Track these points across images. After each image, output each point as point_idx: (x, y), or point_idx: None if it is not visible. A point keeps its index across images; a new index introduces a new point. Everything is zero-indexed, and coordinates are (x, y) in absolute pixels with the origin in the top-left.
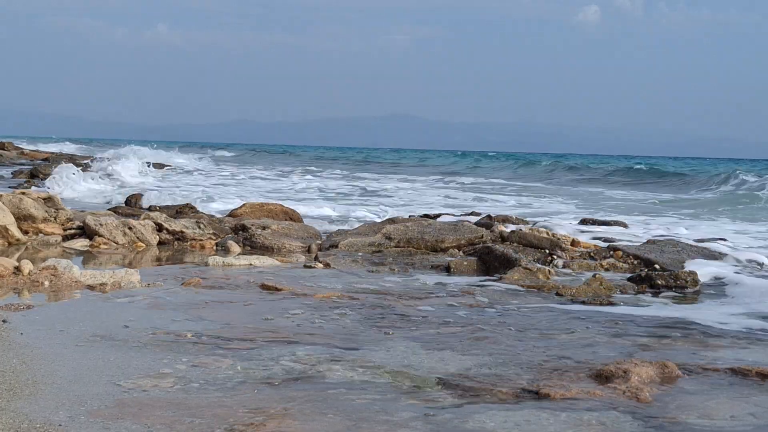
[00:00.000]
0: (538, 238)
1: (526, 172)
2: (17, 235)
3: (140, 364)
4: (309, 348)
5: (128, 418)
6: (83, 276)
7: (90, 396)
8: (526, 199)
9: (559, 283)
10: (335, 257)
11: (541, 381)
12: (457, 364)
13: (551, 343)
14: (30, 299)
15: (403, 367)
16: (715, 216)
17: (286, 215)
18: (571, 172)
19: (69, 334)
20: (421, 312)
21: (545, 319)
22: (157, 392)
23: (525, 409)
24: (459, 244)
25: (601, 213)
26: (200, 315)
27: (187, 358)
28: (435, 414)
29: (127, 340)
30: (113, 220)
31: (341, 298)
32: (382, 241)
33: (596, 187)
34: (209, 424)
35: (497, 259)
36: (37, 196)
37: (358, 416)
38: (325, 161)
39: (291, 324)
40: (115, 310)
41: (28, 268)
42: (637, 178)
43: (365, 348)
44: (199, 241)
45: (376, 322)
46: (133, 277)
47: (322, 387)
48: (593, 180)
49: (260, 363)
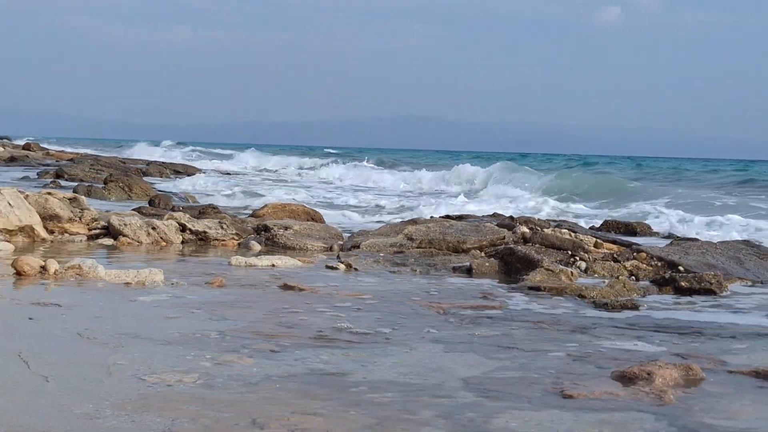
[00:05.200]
0: (561, 240)
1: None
2: (43, 235)
3: (164, 361)
4: (331, 347)
5: (152, 411)
6: (108, 275)
7: (115, 390)
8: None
9: (581, 284)
10: (357, 258)
11: (564, 382)
12: (480, 364)
13: (574, 344)
14: (56, 298)
15: (426, 367)
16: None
17: (308, 216)
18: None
19: (94, 332)
20: (443, 313)
21: (568, 321)
22: (181, 387)
23: (548, 410)
24: (481, 245)
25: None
26: (223, 314)
27: (211, 355)
28: (458, 413)
29: (151, 338)
30: (137, 220)
31: (363, 298)
32: (404, 241)
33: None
34: (232, 418)
35: (519, 260)
36: (62, 196)
37: (381, 414)
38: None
39: (313, 323)
40: (139, 309)
41: (53, 267)
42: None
43: (388, 348)
44: (221, 241)
45: (398, 323)
46: (156, 277)
47: (344, 385)
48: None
49: (283, 361)
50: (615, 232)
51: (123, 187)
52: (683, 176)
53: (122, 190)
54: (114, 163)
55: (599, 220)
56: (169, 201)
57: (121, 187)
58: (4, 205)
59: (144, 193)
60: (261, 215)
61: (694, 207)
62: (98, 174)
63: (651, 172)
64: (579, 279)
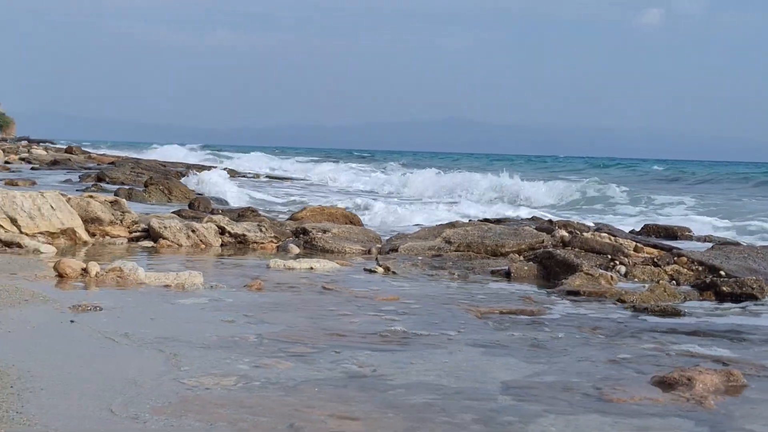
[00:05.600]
0: (600, 244)
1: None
2: (84, 237)
3: (203, 364)
4: (370, 350)
5: (191, 414)
6: (148, 277)
7: (155, 393)
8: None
9: (621, 289)
10: (395, 261)
11: (604, 387)
12: (518, 368)
13: (614, 349)
14: (97, 300)
15: (464, 371)
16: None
17: (346, 219)
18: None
19: (134, 335)
20: (482, 317)
21: (607, 326)
22: (219, 390)
23: (587, 414)
24: (519, 248)
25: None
26: (262, 317)
27: (249, 358)
28: (496, 417)
29: (191, 341)
30: (177, 223)
31: (401, 302)
32: (442, 245)
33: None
34: (270, 421)
35: (558, 264)
36: (104, 200)
37: (419, 417)
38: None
39: (351, 326)
40: (178, 312)
41: (95, 270)
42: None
43: (426, 351)
44: (260, 244)
45: (437, 326)
46: (196, 279)
47: (382, 388)
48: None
49: (321, 364)
50: (655, 236)
51: (163, 190)
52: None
53: (162, 193)
54: (154, 166)
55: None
56: (209, 204)
57: (161, 190)
58: (47, 208)
59: (184, 196)
60: (300, 218)
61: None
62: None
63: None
64: (619, 283)
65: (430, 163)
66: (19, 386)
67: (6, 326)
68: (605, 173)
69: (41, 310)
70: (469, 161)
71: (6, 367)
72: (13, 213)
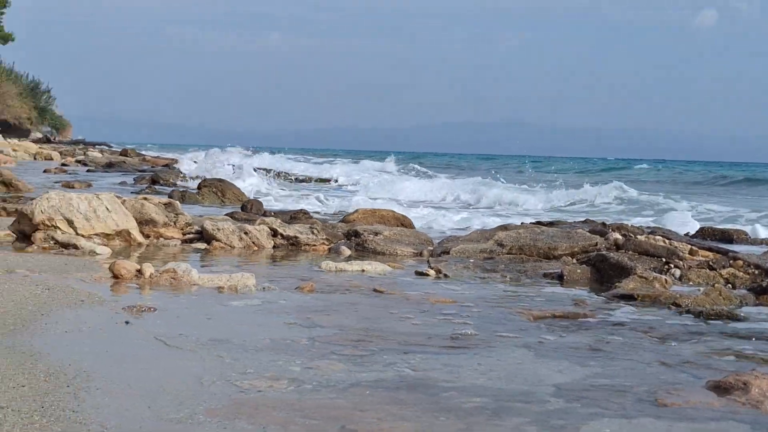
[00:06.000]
0: (654, 246)
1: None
2: (139, 239)
3: (255, 366)
4: (421, 352)
5: (244, 417)
6: (201, 279)
7: (208, 395)
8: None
9: (676, 292)
10: (447, 263)
11: (658, 391)
12: (571, 371)
13: (668, 353)
14: (151, 301)
15: (516, 374)
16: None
17: (397, 221)
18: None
19: (188, 336)
20: (535, 320)
21: (662, 329)
22: (271, 393)
23: (641, 418)
24: (572, 251)
25: None
26: (313, 319)
27: (301, 360)
28: (549, 420)
29: (243, 343)
30: (230, 225)
31: (453, 304)
32: (494, 247)
33: None
34: (322, 425)
35: (612, 267)
36: (158, 201)
37: (470, 420)
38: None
39: (403, 329)
40: (231, 314)
41: (149, 271)
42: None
43: (478, 354)
44: (312, 246)
45: (489, 329)
46: (248, 281)
47: (434, 391)
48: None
49: (372, 367)
50: (711, 239)
51: (216, 192)
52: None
53: (215, 195)
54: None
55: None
56: (261, 206)
57: (215, 192)
58: (102, 210)
59: (236, 198)
60: (351, 220)
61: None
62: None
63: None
64: (673, 286)
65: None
66: (75, 385)
67: (63, 326)
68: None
69: (97, 311)
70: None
71: (63, 367)
72: (69, 215)
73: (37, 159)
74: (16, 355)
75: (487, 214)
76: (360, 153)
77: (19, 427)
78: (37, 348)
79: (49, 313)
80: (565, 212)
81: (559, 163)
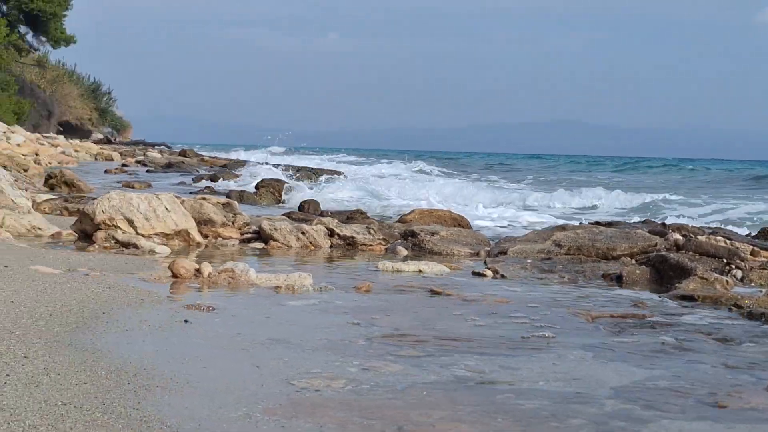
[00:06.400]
0: (715, 247)
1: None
2: (198, 239)
3: (313, 366)
4: (478, 353)
5: (302, 416)
6: (259, 279)
7: (266, 394)
8: None
9: (737, 293)
10: (504, 264)
11: (719, 393)
12: (630, 373)
13: (729, 356)
14: (209, 300)
15: (574, 375)
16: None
17: (454, 221)
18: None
19: (246, 336)
20: (593, 321)
21: (723, 331)
22: (329, 392)
23: (701, 420)
24: (631, 252)
25: None
26: (370, 319)
27: (358, 361)
28: (608, 422)
29: (301, 343)
30: (287, 224)
31: (510, 305)
32: (552, 248)
33: None
34: (379, 425)
35: (671, 268)
36: (216, 202)
37: (528, 422)
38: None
39: (460, 330)
40: (288, 313)
41: (207, 270)
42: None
43: (536, 355)
44: (369, 246)
45: (546, 330)
46: (305, 281)
47: (491, 392)
48: None
49: (430, 368)
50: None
51: (273, 193)
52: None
53: (273, 195)
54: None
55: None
56: (318, 206)
57: (272, 192)
58: (162, 210)
59: None
60: (408, 220)
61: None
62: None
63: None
64: (735, 288)
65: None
66: (135, 383)
67: (124, 324)
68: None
69: (156, 310)
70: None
71: (123, 364)
72: (130, 215)
73: (97, 159)
74: (78, 352)
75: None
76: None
77: (81, 423)
78: (99, 346)
79: (110, 311)
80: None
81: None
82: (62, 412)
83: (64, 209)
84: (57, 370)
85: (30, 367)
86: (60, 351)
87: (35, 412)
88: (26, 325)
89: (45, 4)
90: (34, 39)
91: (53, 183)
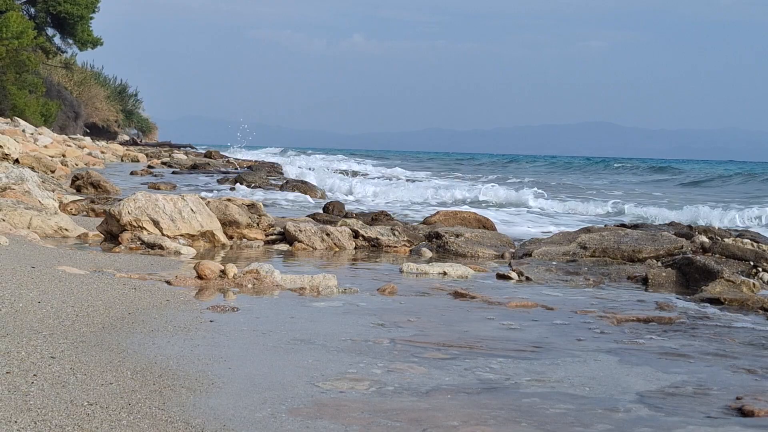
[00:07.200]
0: (742, 250)
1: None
2: (223, 240)
3: (337, 367)
4: (503, 357)
5: (326, 417)
6: (283, 280)
7: (290, 395)
8: None
9: (764, 296)
10: (528, 266)
11: (745, 398)
12: (656, 378)
13: (756, 359)
14: (234, 301)
15: (599, 379)
16: None
17: (479, 223)
18: None
19: (270, 337)
20: (618, 324)
21: (749, 335)
22: (353, 394)
23: (727, 426)
24: (657, 254)
25: None
26: (395, 322)
27: (383, 363)
28: (632, 427)
29: (325, 344)
30: (312, 226)
31: (535, 308)
32: (577, 250)
33: None
34: (403, 427)
35: (698, 270)
36: (241, 203)
37: (552, 426)
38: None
39: (484, 332)
40: (313, 315)
41: (232, 272)
42: None
43: (560, 359)
44: (393, 247)
45: (572, 333)
46: (330, 282)
47: (515, 396)
48: None
49: (454, 370)
50: None
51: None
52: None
53: None
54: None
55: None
56: (343, 208)
57: None
58: (187, 211)
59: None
60: (432, 222)
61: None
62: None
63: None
64: (761, 291)
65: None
66: (160, 384)
67: (149, 325)
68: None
69: (181, 310)
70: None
71: (149, 365)
72: (155, 216)
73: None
74: (104, 352)
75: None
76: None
77: (107, 423)
78: (124, 346)
79: (136, 312)
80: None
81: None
82: (88, 412)
83: (90, 210)
84: (83, 370)
85: (57, 367)
86: (86, 351)
87: (62, 412)
88: (53, 325)
89: (72, 6)
90: (61, 41)
91: (80, 184)
